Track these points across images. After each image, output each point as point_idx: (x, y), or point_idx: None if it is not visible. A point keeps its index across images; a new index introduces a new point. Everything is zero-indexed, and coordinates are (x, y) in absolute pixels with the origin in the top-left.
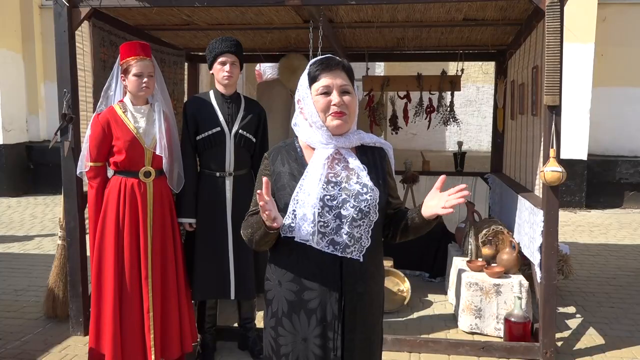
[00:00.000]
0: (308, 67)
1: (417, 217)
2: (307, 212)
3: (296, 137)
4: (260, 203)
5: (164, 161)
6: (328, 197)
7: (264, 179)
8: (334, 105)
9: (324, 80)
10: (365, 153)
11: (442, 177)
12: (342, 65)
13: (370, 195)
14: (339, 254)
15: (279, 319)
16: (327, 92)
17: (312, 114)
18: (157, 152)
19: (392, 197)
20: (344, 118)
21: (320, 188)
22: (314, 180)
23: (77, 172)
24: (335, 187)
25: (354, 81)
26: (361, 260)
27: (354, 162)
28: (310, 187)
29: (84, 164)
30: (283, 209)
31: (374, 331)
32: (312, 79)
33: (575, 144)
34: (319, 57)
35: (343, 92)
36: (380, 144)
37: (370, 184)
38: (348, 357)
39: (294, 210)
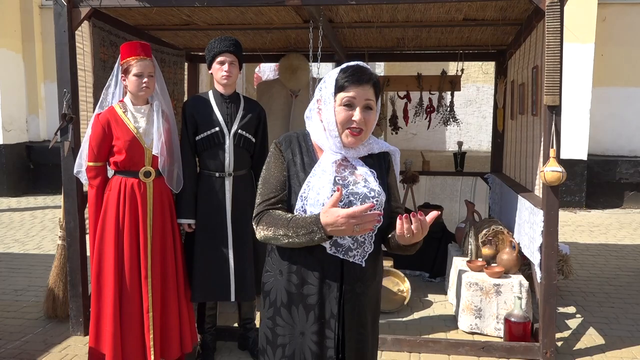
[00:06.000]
0: (338, 72)
1: (394, 238)
2: (315, 210)
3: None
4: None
5: (160, 160)
6: None
7: (337, 188)
8: (354, 121)
9: (350, 92)
10: (370, 156)
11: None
12: (372, 81)
13: (377, 200)
14: (341, 256)
15: (278, 309)
16: (350, 105)
17: (330, 122)
18: (154, 152)
19: (393, 199)
20: (360, 136)
21: (329, 188)
22: (323, 179)
23: (75, 172)
24: (343, 189)
25: (379, 95)
26: (363, 265)
27: (362, 169)
28: (319, 186)
29: (83, 163)
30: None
31: (370, 332)
32: (339, 88)
33: (575, 144)
34: (351, 65)
35: (366, 107)
36: (388, 149)
37: (378, 188)
38: (344, 356)
39: (302, 206)
